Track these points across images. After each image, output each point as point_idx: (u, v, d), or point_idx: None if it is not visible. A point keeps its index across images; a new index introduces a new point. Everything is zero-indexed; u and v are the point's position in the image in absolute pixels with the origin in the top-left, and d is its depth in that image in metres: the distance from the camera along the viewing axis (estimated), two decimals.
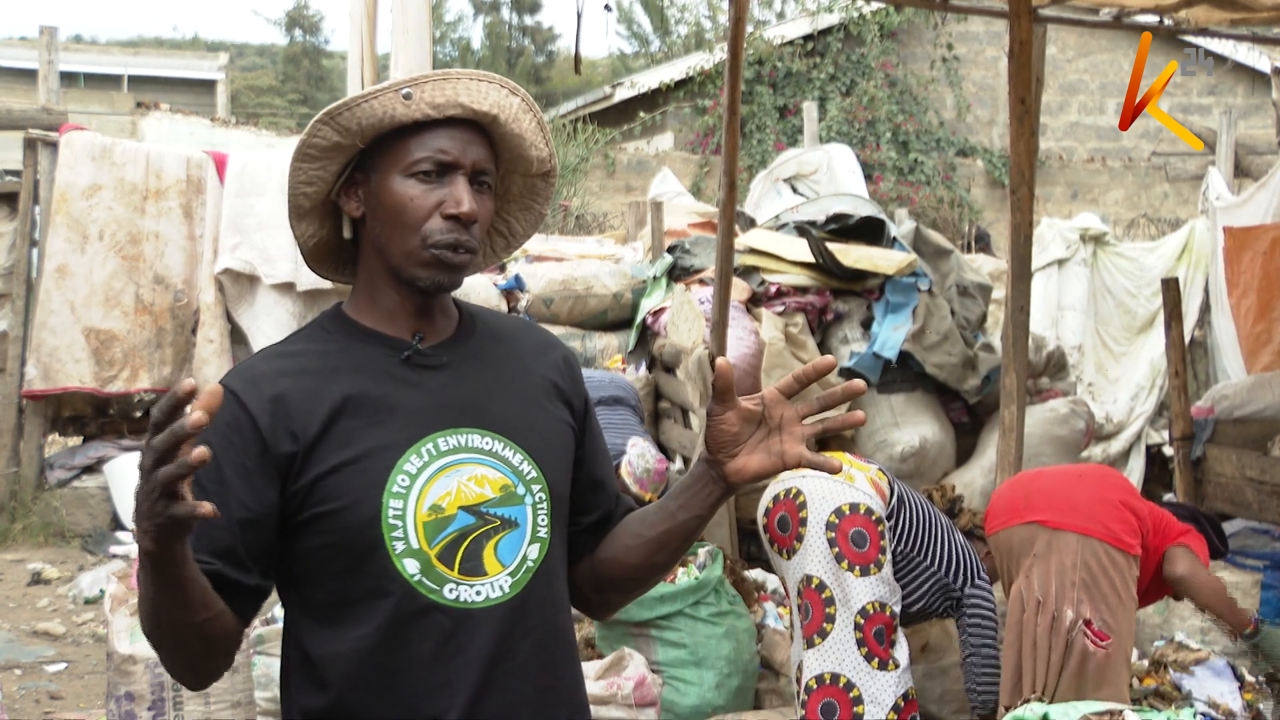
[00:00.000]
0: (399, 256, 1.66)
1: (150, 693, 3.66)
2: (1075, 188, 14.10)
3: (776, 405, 1.61)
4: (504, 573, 1.64)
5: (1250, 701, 3.98)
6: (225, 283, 8.11)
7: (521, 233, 1.85)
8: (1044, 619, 3.36)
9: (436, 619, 1.60)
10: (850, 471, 3.66)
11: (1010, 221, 4.77)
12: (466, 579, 1.61)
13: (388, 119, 1.63)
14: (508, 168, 1.76)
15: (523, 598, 1.64)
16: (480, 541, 1.62)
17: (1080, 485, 3.56)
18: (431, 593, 1.60)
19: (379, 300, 1.71)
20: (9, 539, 7.30)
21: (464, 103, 1.65)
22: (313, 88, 33.51)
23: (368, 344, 1.69)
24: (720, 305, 5.32)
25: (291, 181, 1.70)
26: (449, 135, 1.65)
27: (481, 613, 1.61)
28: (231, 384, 1.62)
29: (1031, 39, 4.69)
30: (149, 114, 12.48)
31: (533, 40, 33.57)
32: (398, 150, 1.65)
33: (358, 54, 3.93)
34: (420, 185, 1.64)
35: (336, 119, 1.64)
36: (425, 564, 1.60)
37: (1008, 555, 3.55)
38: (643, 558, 1.74)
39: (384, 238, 1.67)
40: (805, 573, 3.54)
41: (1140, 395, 8.54)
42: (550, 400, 1.76)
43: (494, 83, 1.69)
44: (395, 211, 1.64)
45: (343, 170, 1.70)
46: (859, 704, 3.43)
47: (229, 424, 1.59)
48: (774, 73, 14.06)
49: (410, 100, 1.63)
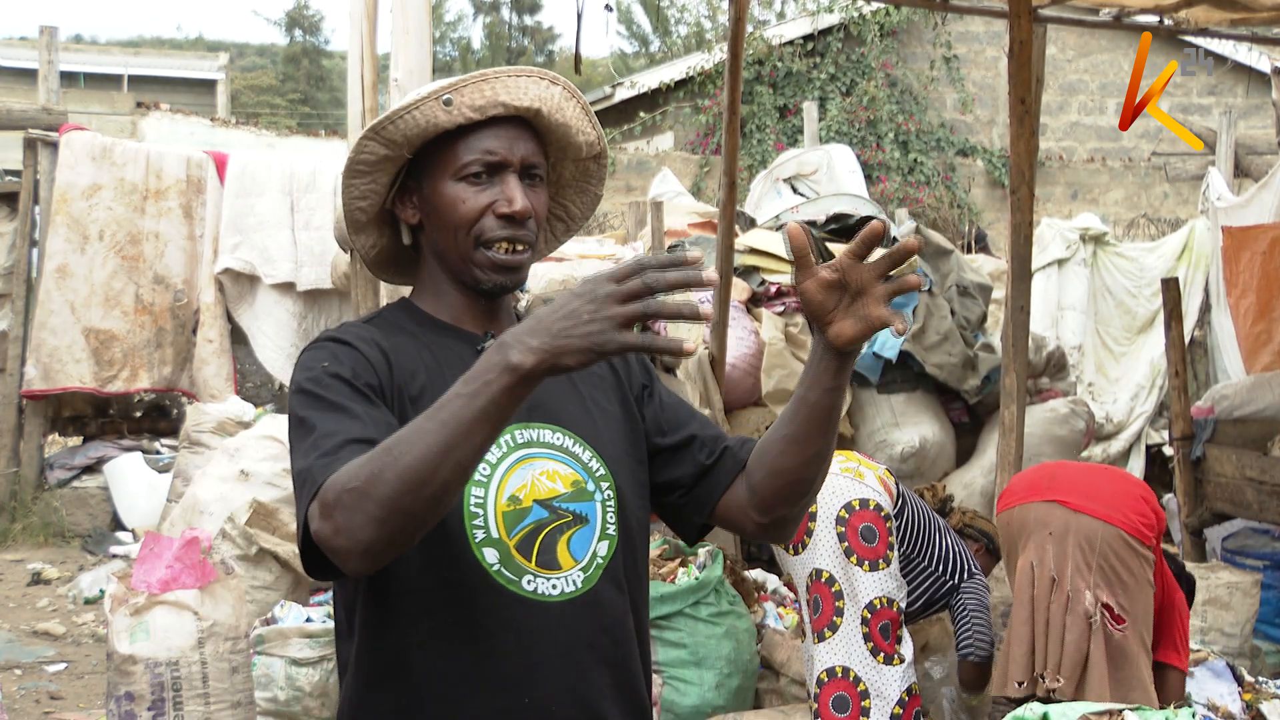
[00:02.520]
0: (457, 260, 1.68)
1: (150, 693, 3.65)
2: (1075, 188, 14.10)
3: (852, 269, 1.54)
4: (576, 568, 1.64)
5: (1250, 702, 3.98)
6: (225, 283, 8.11)
7: (580, 214, 1.86)
8: (1059, 598, 3.36)
9: (515, 610, 1.59)
10: (860, 469, 3.67)
11: (1010, 221, 4.77)
12: (543, 571, 1.62)
13: (431, 127, 1.64)
14: (558, 155, 1.76)
15: (594, 593, 1.65)
16: (554, 535, 1.62)
17: (1104, 477, 3.59)
18: (510, 583, 1.60)
19: (445, 301, 1.72)
20: (9, 539, 7.30)
21: (505, 101, 1.65)
22: (313, 88, 33.50)
23: (443, 334, 1.70)
24: (720, 305, 5.33)
25: (345, 198, 1.71)
26: (494, 135, 1.66)
27: (557, 606, 1.62)
28: (339, 336, 1.62)
29: (1031, 39, 4.69)
30: (149, 114, 12.49)
31: (533, 40, 33.58)
32: (446, 155, 1.66)
33: (358, 54, 3.92)
34: (471, 187, 1.65)
35: (381, 133, 1.65)
36: (505, 554, 1.60)
37: (1020, 529, 3.54)
38: (798, 452, 1.65)
39: (441, 243, 1.69)
40: (814, 567, 3.55)
41: (1140, 395, 8.54)
42: (609, 397, 1.76)
43: (532, 76, 1.69)
44: (449, 216, 1.66)
45: (395, 180, 1.71)
46: (865, 698, 3.45)
47: (354, 360, 1.58)
48: (774, 73, 14.05)
49: (451, 106, 1.63)
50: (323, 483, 1.43)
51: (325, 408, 1.53)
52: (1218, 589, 4.82)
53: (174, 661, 3.66)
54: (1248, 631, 4.87)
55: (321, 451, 1.47)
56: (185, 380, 8.09)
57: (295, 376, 1.60)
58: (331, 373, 1.56)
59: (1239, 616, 4.83)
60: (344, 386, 1.55)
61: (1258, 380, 5.98)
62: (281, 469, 5.43)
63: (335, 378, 1.56)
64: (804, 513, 1.75)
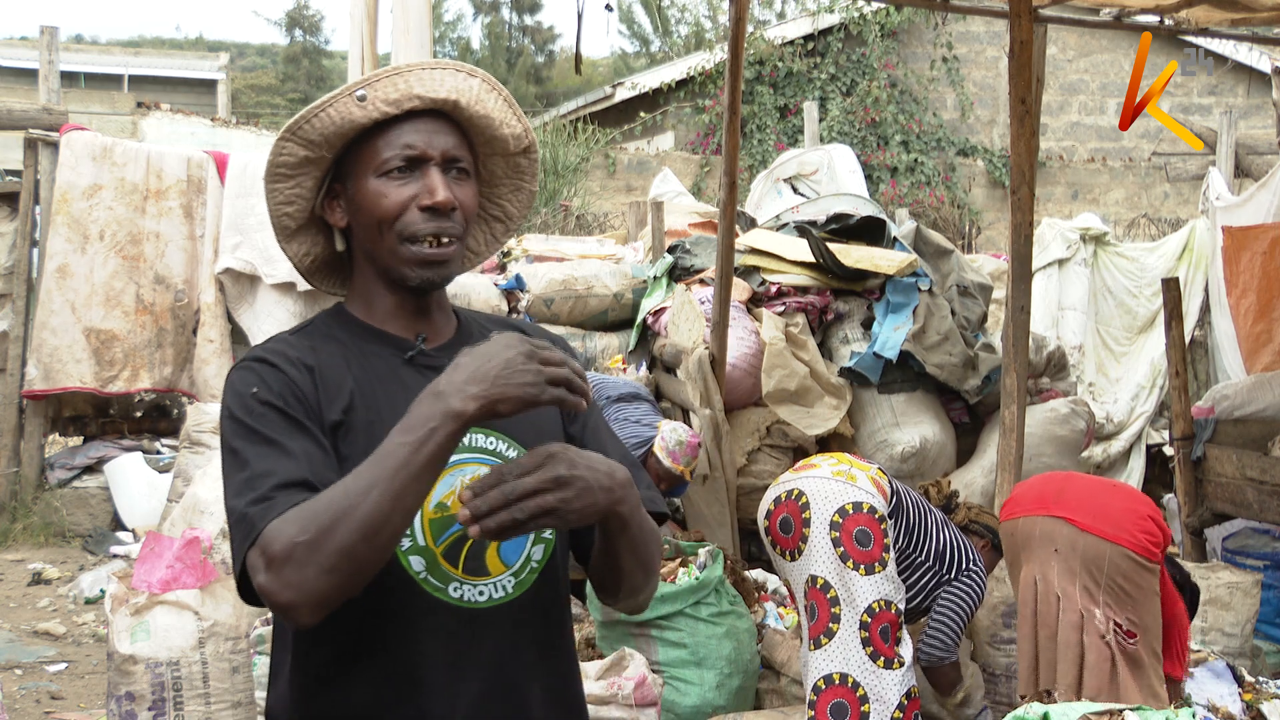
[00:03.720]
0: (386, 257, 1.66)
1: (150, 693, 3.66)
2: (1076, 188, 14.10)
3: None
4: (507, 573, 1.63)
5: (1250, 702, 3.98)
6: (226, 283, 8.11)
7: (517, 214, 1.85)
8: (1067, 615, 3.35)
9: (442, 618, 1.59)
10: (852, 471, 3.66)
11: (1010, 221, 4.77)
12: (470, 578, 1.61)
13: (347, 124, 1.63)
14: (485, 150, 1.75)
15: (527, 598, 1.64)
16: (483, 542, 1.60)
17: (1111, 495, 3.57)
18: (437, 590, 1.59)
19: (376, 304, 1.71)
20: (9, 539, 7.30)
21: (419, 94, 1.64)
22: (313, 88, 33.50)
23: (372, 342, 1.69)
24: (721, 305, 5.32)
25: (270, 204, 1.70)
26: (413, 128, 1.64)
27: (486, 613, 1.61)
28: (265, 357, 1.61)
29: (1032, 39, 4.69)
30: (149, 114, 12.49)
31: (533, 40, 33.57)
32: (366, 153, 1.65)
33: (358, 54, 3.93)
34: (393, 183, 1.64)
35: (297, 133, 1.65)
36: (430, 561, 1.59)
37: (1025, 542, 3.53)
38: (601, 561, 1.70)
39: (369, 242, 1.67)
40: (810, 573, 3.53)
41: (1141, 395, 8.54)
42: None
43: (448, 69, 1.68)
44: (373, 213, 1.64)
45: (320, 184, 1.69)
46: (865, 703, 3.43)
47: (284, 385, 1.57)
48: (774, 73, 14.05)
49: (365, 101, 1.62)
50: (262, 530, 1.43)
51: (257, 441, 1.52)
52: (1218, 589, 4.82)
53: (174, 661, 3.66)
54: (1248, 631, 4.86)
55: (256, 494, 1.47)
56: (186, 380, 8.09)
57: (225, 400, 1.60)
58: (262, 400, 1.55)
59: (1239, 616, 4.83)
60: (275, 416, 1.54)
61: (1258, 380, 5.98)
62: None
63: (266, 405, 1.55)
64: (635, 601, 1.77)
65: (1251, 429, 5.72)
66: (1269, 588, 5.37)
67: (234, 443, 1.54)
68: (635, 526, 1.60)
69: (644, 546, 1.65)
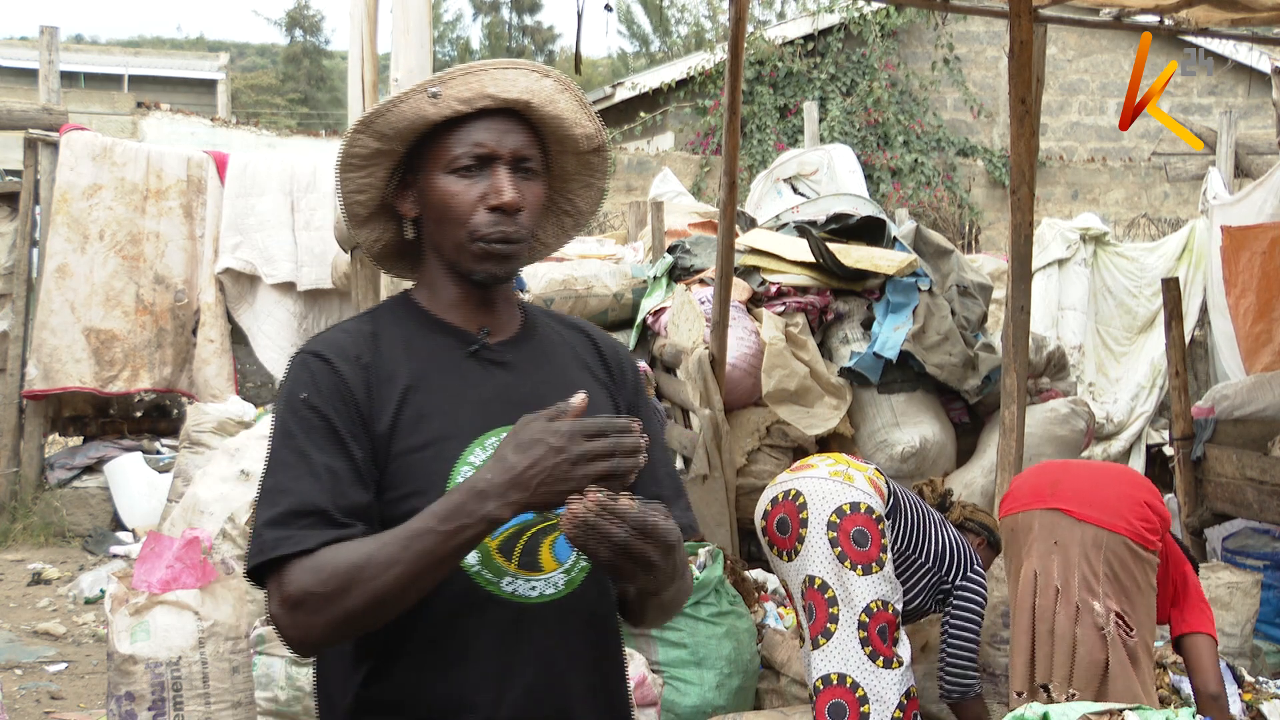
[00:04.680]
0: (451, 251, 1.70)
1: (150, 693, 3.66)
2: (1075, 188, 14.09)
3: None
4: (559, 570, 1.66)
5: (1250, 702, 3.98)
6: (226, 283, 8.11)
7: (587, 209, 1.87)
8: (1064, 608, 3.35)
9: (494, 611, 1.62)
10: (849, 471, 3.66)
11: (1010, 221, 4.77)
12: (524, 573, 1.63)
13: (419, 119, 1.66)
14: (556, 148, 1.77)
15: (575, 596, 1.66)
16: (538, 538, 1.64)
17: (1107, 481, 3.56)
18: (489, 584, 1.62)
19: (441, 293, 1.74)
20: (9, 539, 7.30)
21: (492, 93, 1.67)
22: (313, 88, 33.50)
23: (437, 333, 1.72)
24: (721, 305, 5.32)
25: (342, 192, 1.74)
26: (484, 127, 1.67)
27: (536, 608, 1.63)
28: (320, 352, 1.65)
29: (1032, 39, 4.69)
30: (149, 114, 12.48)
31: (533, 40, 33.57)
32: (438, 149, 1.68)
33: (358, 54, 3.92)
34: (462, 180, 1.67)
35: (371, 126, 1.68)
36: (485, 555, 1.62)
37: (1024, 536, 3.52)
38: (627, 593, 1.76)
39: (436, 235, 1.71)
40: (808, 573, 3.53)
41: (1141, 395, 8.54)
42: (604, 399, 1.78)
43: (522, 69, 1.70)
44: (442, 209, 1.68)
45: (392, 175, 1.73)
46: (864, 703, 3.43)
47: (331, 389, 1.61)
48: (774, 73, 14.05)
49: (438, 99, 1.65)
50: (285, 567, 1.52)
51: (291, 449, 1.59)
52: (1218, 589, 4.82)
53: (174, 661, 3.66)
54: (1248, 631, 4.86)
55: (276, 512, 1.55)
56: (185, 380, 8.09)
57: (280, 391, 1.65)
58: (310, 405, 1.60)
59: (1239, 616, 4.83)
60: (317, 423, 1.59)
61: (1258, 380, 5.98)
62: None
63: (312, 410, 1.60)
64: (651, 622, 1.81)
65: (1251, 429, 5.72)
66: (1269, 588, 5.36)
67: (274, 441, 1.61)
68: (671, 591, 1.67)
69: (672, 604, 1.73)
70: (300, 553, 1.52)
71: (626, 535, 1.43)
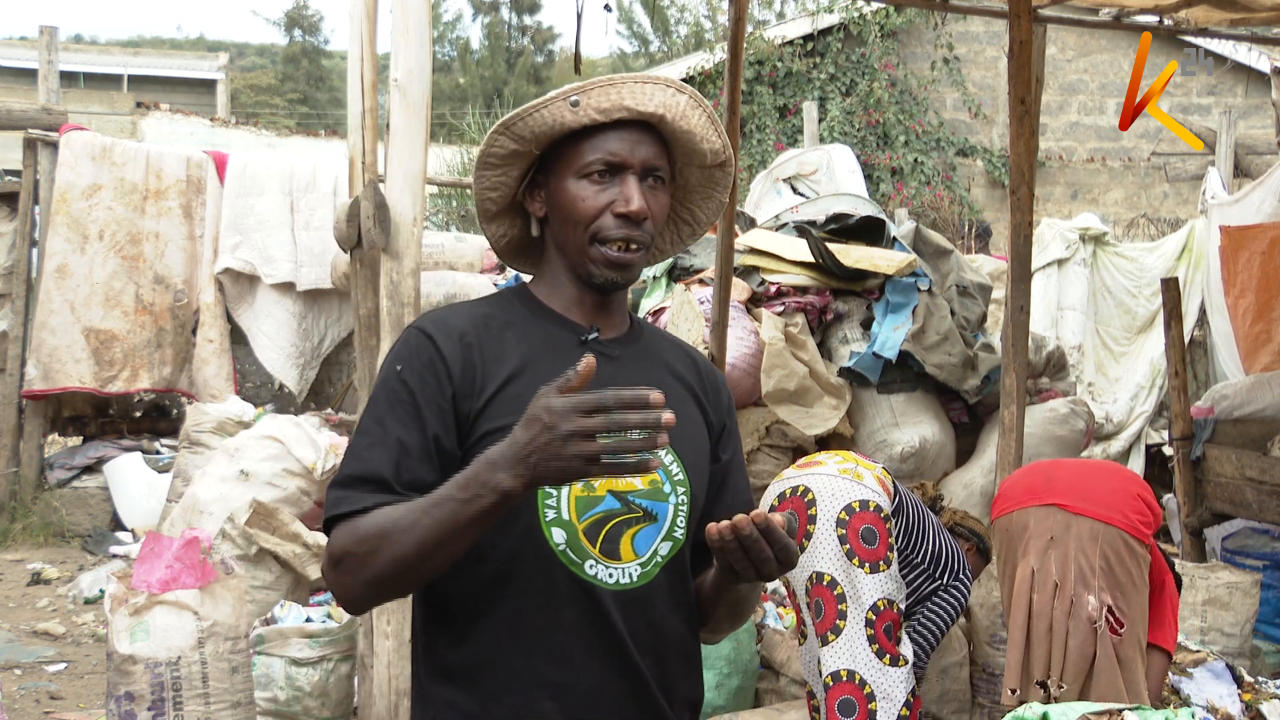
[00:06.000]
0: (575, 254, 1.76)
1: (150, 693, 3.65)
2: (1075, 188, 14.10)
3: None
4: (635, 561, 1.71)
5: (1249, 703, 3.98)
6: (225, 283, 8.11)
7: (705, 220, 1.95)
8: (1062, 603, 3.35)
9: (573, 591, 1.67)
10: (858, 469, 3.65)
11: (1010, 221, 4.77)
12: (604, 559, 1.69)
13: (558, 125, 1.73)
14: (683, 161, 1.84)
15: (647, 590, 1.72)
16: (621, 527, 1.70)
17: (1100, 475, 3.57)
18: (573, 565, 1.67)
19: (560, 291, 1.81)
20: (9, 539, 7.30)
21: (629, 105, 1.73)
22: (312, 88, 33.51)
23: (550, 323, 1.79)
24: (720, 305, 5.32)
25: (477, 189, 1.81)
26: (618, 137, 1.74)
27: (611, 594, 1.69)
28: (425, 328, 1.72)
29: (1031, 39, 4.69)
30: (149, 114, 12.49)
31: (532, 40, 33.56)
32: (571, 154, 1.75)
33: (358, 54, 3.92)
34: (592, 186, 1.74)
35: (511, 129, 1.75)
36: (572, 536, 1.68)
37: (1020, 534, 3.52)
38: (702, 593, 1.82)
39: (562, 236, 1.77)
40: (815, 570, 3.53)
41: (1140, 395, 8.54)
42: (695, 410, 1.84)
43: (659, 84, 1.77)
44: (569, 211, 1.74)
45: (525, 175, 1.80)
46: (872, 700, 3.43)
47: (426, 364, 1.69)
48: (774, 73, 14.06)
49: (578, 107, 1.72)
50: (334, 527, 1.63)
51: (374, 419, 1.69)
52: (1218, 589, 4.82)
53: (174, 661, 3.66)
54: (1248, 631, 4.86)
55: (344, 474, 1.66)
56: (185, 380, 8.09)
57: (387, 356, 1.75)
58: (401, 378, 1.69)
59: (1239, 616, 4.83)
60: (404, 394, 1.68)
61: (1258, 380, 5.98)
62: (281, 469, 5.43)
63: (402, 384, 1.69)
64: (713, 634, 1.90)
65: (1251, 429, 5.72)
66: (1268, 588, 5.37)
67: (368, 405, 1.71)
68: (748, 588, 1.75)
69: (744, 605, 1.81)
70: (352, 514, 1.61)
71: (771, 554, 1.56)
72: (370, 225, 3.57)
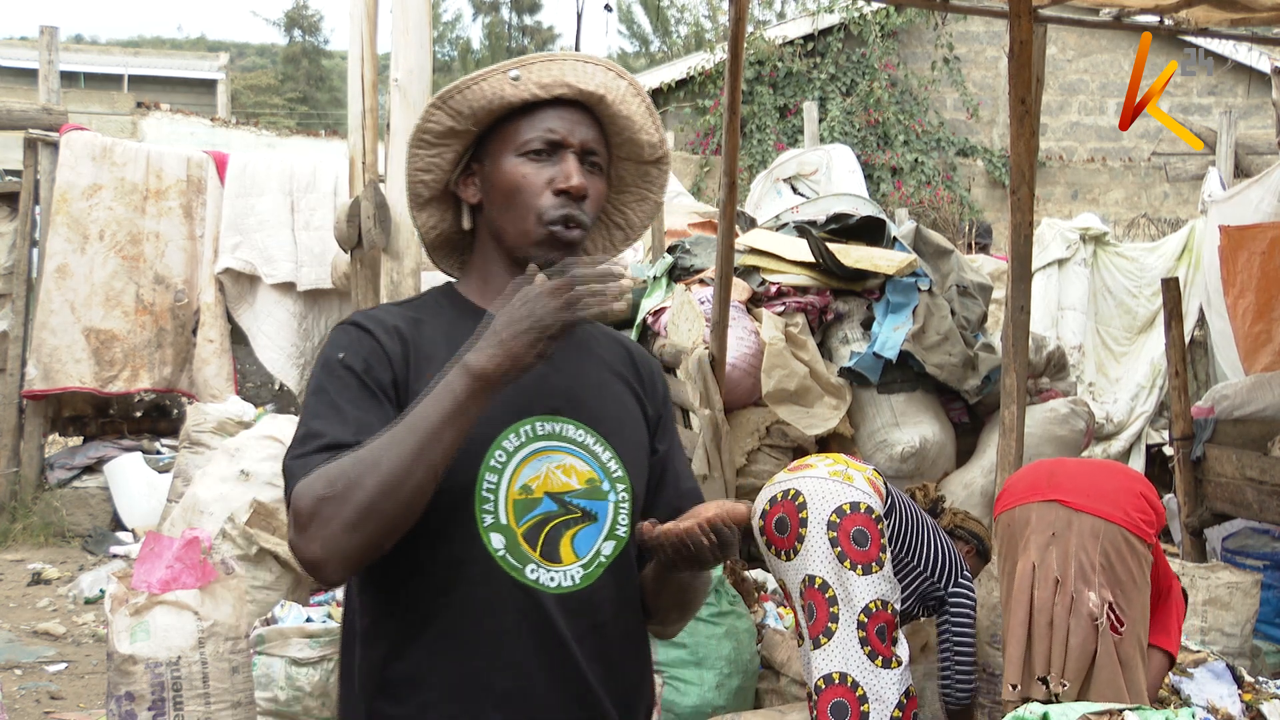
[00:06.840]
0: (515, 235, 1.72)
1: (150, 693, 3.65)
2: (1075, 188, 14.10)
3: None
4: (577, 563, 1.68)
5: (1250, 703, 3.98)
6: (226, 283, 8.11)
7: (639, 223, 1.90)
8: (1063, 599, 3.34)
9: (515, 596, 1.64)
10: (848, 471, 3.65)
11: (1010, 221, 4.77)
12: (545, 562, 1.66)
13: (497, 100, 1.69)
14: (619, 153, 1.81)
15: (590, 591, 1.68)
16: (560, 529, 1.66)
17: (1103, 473, 3.57)
18: (514, 570, 1.64)
19: (492, 283, 1.76)
20: (9, 539, 7.30)
21: (570, 82, 1.71)
22: (312, 88, 33.50)
23: (479, 321, 1.72)
24: (720, 305, 5.32)
25: (409, 169, 1.77)
26: (558, 115, 1.71)
27: (553, 598, 1.65)
28: (360, 322, 1.69)
29: (1031, 39, 4.69)
30: (149, 114, 12.49)
31: (532, 40, 33.54)
32: (509, 132, 1.72)
33: (358, 54, 3.93)
34: (532, 164, 1.70)
35: (448, 102, 1.71)
36: (511, 540, 1.64)
37: (1021, 530, 3.52)
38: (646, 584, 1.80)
39: (500, 219, 1.73)
40: (807, 573, 3.53)
41: (1140, 395, 8.55)
42: (632, 403, 1.81)
43: (600, 65, 1.75)
44: (509, 190, 1.71)
45: (459, 159, 1.76)
46: (864, 702, 3.43)
47: (370, 351, 1.65)
48: (774, 73, 14.05)
49: (518, 81, 1.69)
50: (294, 487, 1.53)
51: (324, 403, 1.62)
52: (1218, 589, 4.82)
53: (174, 661, 3.66)
54: (1248, 631, 4.86)
55: (302, 450, 1.58)
56: (185, 380, 8.09)
57: (320, 352, 1.70)
58: (345, 364, 1.65)
59: (1239, 616, 4.82)
60: (351, 380, 1.63)
61: (1258, 380, 5.98)
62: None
63: (347, 370, 1.64)
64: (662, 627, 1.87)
65: (1251, 429, 5.72)
66: (1269, 588, 5.36)
67: (308, 398, 1.65)
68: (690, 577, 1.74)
69: (691, 594, 1.79)
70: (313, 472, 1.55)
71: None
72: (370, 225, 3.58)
